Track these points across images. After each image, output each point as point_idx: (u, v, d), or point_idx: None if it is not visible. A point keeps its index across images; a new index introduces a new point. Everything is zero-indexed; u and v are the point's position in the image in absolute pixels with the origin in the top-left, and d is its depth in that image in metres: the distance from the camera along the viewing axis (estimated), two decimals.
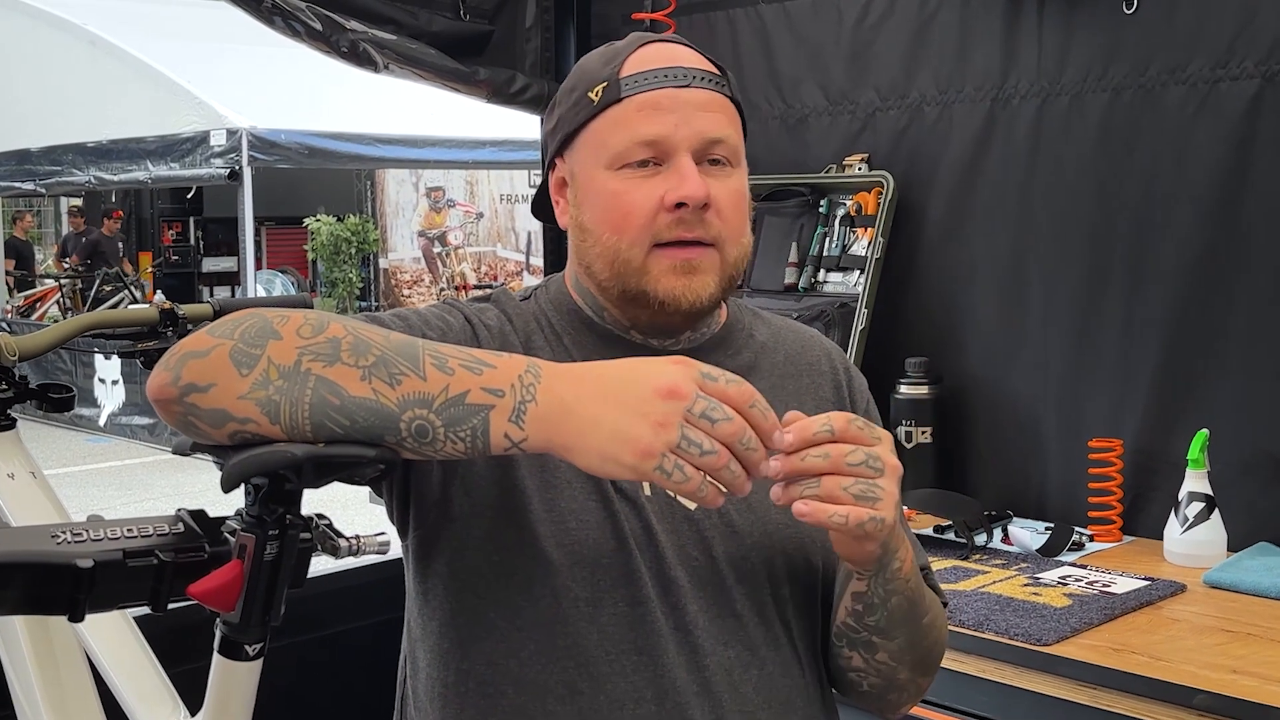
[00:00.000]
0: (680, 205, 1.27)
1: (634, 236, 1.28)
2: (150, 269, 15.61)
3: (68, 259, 14.64)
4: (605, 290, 1.33)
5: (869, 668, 1.33)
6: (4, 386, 1.83)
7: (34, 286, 15.10)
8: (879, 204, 2.88)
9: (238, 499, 1.19)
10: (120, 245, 14.98)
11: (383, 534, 1.34)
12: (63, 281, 14.51)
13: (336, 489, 1.33)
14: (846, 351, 2.77)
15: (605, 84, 1.31)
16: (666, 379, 1.06)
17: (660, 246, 1.28)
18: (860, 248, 2.92)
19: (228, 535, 1.20)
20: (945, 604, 1.43)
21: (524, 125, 4.34)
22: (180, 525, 1.20)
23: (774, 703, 1.29)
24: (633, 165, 1.28)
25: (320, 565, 1.26)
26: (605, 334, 1.35)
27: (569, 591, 1.25)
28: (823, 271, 3.01)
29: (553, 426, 1.06)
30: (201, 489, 7.72)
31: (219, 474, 1.11)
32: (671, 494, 1.29)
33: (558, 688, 1.25)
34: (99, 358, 10.82)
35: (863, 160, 2.95)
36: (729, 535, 1.31)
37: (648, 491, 1.29)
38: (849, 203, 2.96)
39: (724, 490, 1.07)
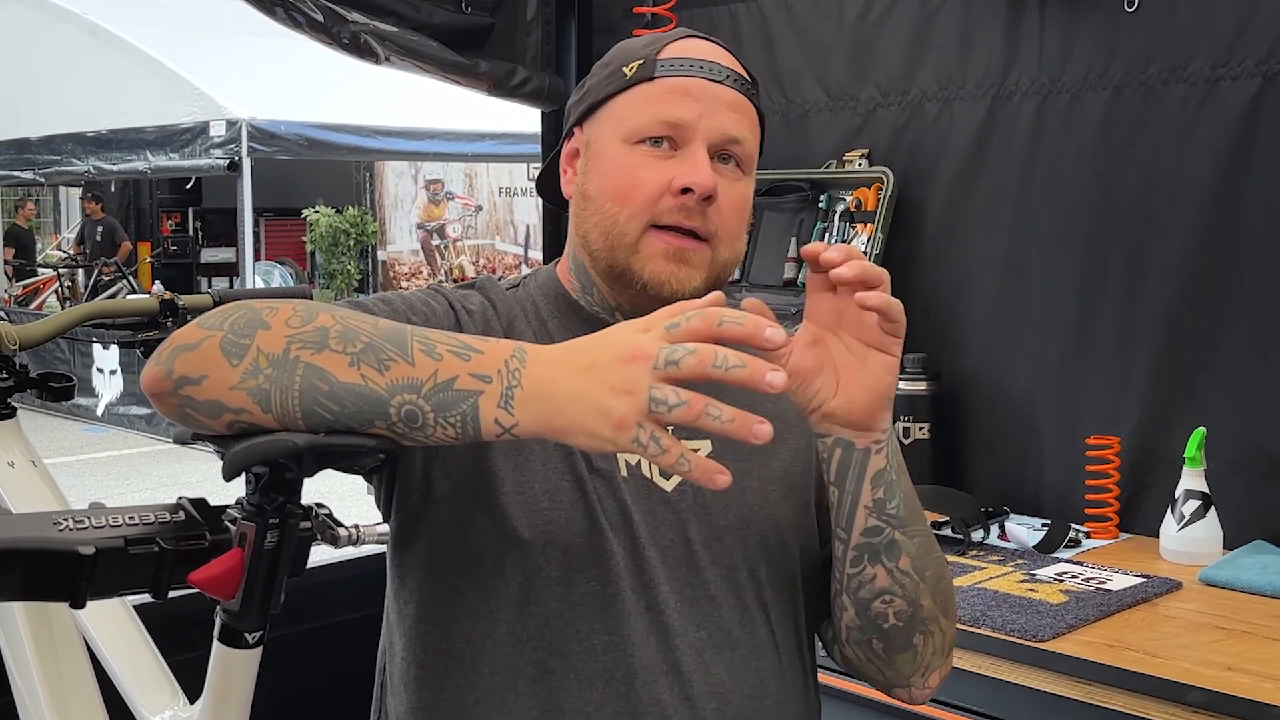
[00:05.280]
0: (686, 191, 1.27)
1: (634, 210, 1.29)
2: (149, 259, 15.58)
3: (85, 245, 14.58)
4: (596, 261, 1.33)
5: (894, 582, 1.27)
6: (4, 375, 1.83)
7: (34, 275, 15.08)
8: (879, 200, 2.88)
9: (236, 489, 1.19)
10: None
11: (381, 523, 1.35)
12: (61, 271, 14.49)
13: (331, 482, 1.34)
14: None
15: (641, 61, 1.33)
16: (629, 343, 1.02)
17: (657, 229, 1.29)
18: (860, 243, 2.92)
19: (228, 523, 1.20)
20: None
21: (523, 118, 4.34)
22: (181, 513, 1.20)
23: (746, 685, 1.29)
24: (648, 144, 1.30)
25: (313, 558, 1.26)
26: (590, 318, 1.36)
27: (540, 571, 1.26)
28: None
29: (541, 410, 1.05)
30: (199, 479, 7.72)
31: (217, 464, 1.11)
32: (652, 473, 1.30)
33: (529, 668, 1.26)
34: (97, 348, 10.83)
35: (863, 156, 2.96)
36: (702, 516, 1.31)
37: (623, 472, 1.29)
38: (849, 198, 2.96)
39: (722, 469, 0.99)
